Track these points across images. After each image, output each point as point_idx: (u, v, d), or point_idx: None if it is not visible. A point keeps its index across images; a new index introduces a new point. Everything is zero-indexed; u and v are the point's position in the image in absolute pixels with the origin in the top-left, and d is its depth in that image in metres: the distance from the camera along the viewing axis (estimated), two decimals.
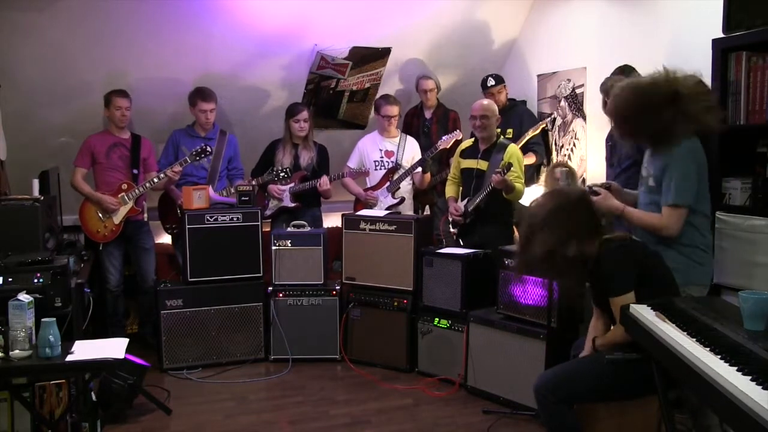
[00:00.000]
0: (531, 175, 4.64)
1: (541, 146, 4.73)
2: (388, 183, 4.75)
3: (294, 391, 3.83)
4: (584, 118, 4.48)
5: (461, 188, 4.29)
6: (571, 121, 4.61)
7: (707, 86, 2.73)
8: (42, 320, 2.72)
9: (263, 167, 4.68)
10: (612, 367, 2.40)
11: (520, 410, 3.42)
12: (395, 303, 4.12)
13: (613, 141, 3.71)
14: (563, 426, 2.48)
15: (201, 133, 4.60)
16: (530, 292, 3.49)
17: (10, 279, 3.02)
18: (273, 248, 4.27)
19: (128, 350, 2.97)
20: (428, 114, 5.04)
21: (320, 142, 4.80)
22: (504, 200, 4.00)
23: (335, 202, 5.04)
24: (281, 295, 4.26)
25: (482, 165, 4.10)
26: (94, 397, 3.22)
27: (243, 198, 4.32)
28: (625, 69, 3.64)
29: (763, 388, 1.50)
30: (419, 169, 4.68)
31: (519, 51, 5.21)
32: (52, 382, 3.01)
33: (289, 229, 4.40)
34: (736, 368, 1.62)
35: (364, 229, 4.25)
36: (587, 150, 4.46)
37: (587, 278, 2.60)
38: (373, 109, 5.02)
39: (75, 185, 4.31)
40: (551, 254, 2.41)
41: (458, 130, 4.68)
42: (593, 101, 4.25)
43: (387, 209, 4.62)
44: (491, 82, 4.74)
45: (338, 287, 4.30)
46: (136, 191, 4.29)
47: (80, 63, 4.32)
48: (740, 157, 3.00)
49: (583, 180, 4.44)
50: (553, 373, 2.58)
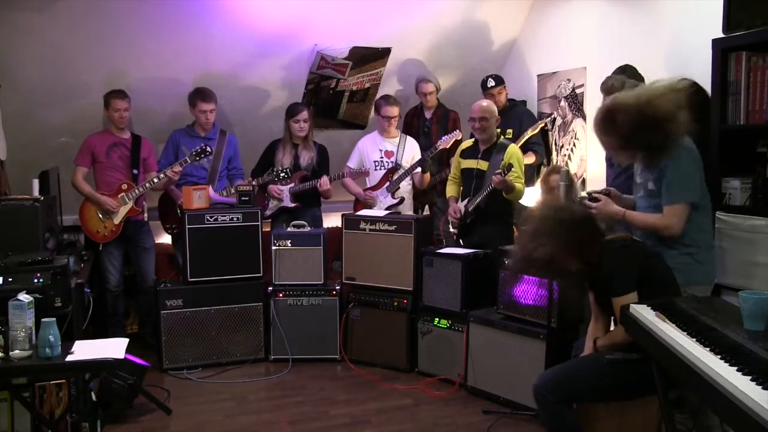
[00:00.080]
0: (531, 175, 4.64)
1: (541, 146, 4.73)
2: (388, 183, 4.75)
3: (294, 391, 3.83)
4: (584, 118, 4.47)
5: (461, 188, 4.29)
6: (571, 121, 4.61)
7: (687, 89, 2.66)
8: (42, 320, 2.72)
9: (263, 167, 4.68)
10: (612, 367, 2.40)
11: (520, 410, 3.42)
12: (395, 303, 4.12)
13: None
14: (563, 426, 2.48)
15: (201, 133, 4.60)
16: (530, 292, 3.49)
17: (10, 279, 3.02)
18: (273, 248, 4.27)
19: (128, 350, 2.97)
20: (428, 114, 5.04)
21: (320, 142, 4.80)
22: (504, 200, 4.01)
23: (335, 202, 5.04)
24: (281, 295, 4.26)
25: (482, 165, 4.10)
26: (94, 397, 3.22)
27: (243, 198, 4.32)
28: (626, 69, 3.64)
29: (763, 388, 1.50)
30: (419, 169, 4.68)
31: (519, 51, 5.21)
32: (52, 382, 3.01)
33: (289, 229, 4.40)
34: (736, 368, 1.62)
35: (364, 229, 4.25)
36: (587, 150, 4.46)
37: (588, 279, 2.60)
38: (373, 110, 5.02)
39: (75, 184, 4.31)
40: (551, 264, 2.41)
41: (458, 130, 4.68)
42: (593, 101, 4.25)
43: (387, 209, 4.62)
44: (491, 83, 4.74)
45: (338, 287, 4.30)
46: (136, 191, 4.29)
47: (80, 63, 4.32)
48: (740, 157, 3.00)
49: (583, 180, 4.44)
50: (553, 373, 2.58)
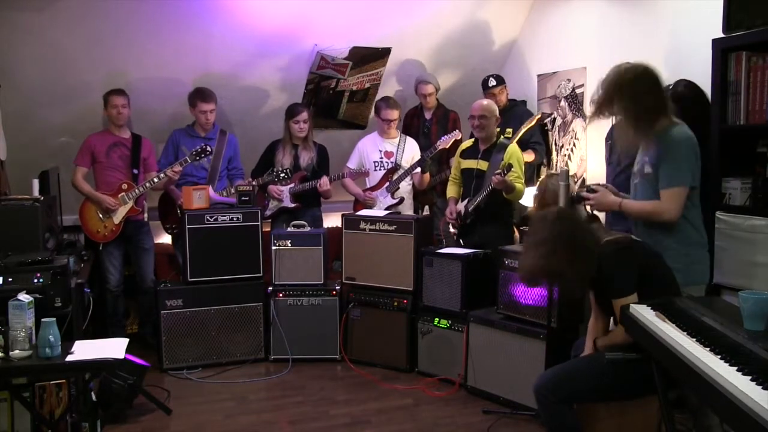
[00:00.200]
0: (531, 175, 4.64)
1: (542, 145, 4.73)
2: (388, 183, 4.75)
3: (294, 391, 3.83)
4: (584, 118, 4.47)
5: (462, 189, 4.29)
6: (571, 121, 4.61)
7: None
8: (42, 320, 2.72)
9: (263, 167, 4.68)
10: (612, 367, 2.41)
11: (520, 410, 3.42)
12: (395, 303, 4.12)
13: (613, 140, 3.71)
14: (563, 426, 2.48)
15: (201, 133, 4.60)
16: (530, 292, 3.49)
17: (10, 279, 3.01)
18: (273, 248, 4.27)
19: (128, 350, 2.97)
20: (428, 114, 5.04)
21: (320, 143, 4.80)
22: (504, 200, 4.00)
23: (335, 202, 5.04)
24: (281, 295, 4.26)
25: (482, 165, 4.10)
26: (94, 397, 3.21)
27: (243, 198, 4.32)
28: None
29: (763, 388, 1.50)
30: (418, 170, 4.68)
31: (519, 51, 5.21)
32: (52, 382, 3.01)
33: (289, 229, 4.39)
34: (736, 368, 1.62)
35: (364, 229, 4.25)
36: (587, 150, 4.46)
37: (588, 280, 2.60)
38: (373, 111, 5.02)
39: (75, 184, 4.31)
40: (553, 273, 2.43)
41: (458, 131, 4.68)
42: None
43: (387, 209, 4.62)
44: (492, 83, 4.73)
45: (338, 287, 4.30)
46: (136, 191, 4.29)
47: (80, 63, 4.32)
48: (740, 157, 3.00)
49: (583, 180, 4.44)
50: (554, 373, 2.58)
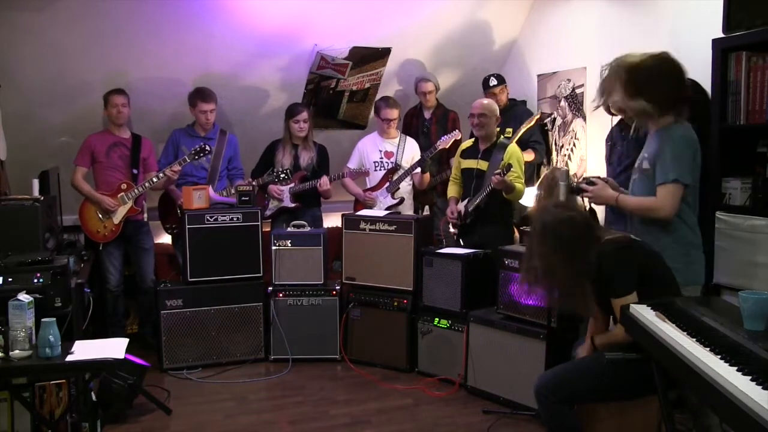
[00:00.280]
0: (531, 174, 4.64)
1: (542, 144, 4.73)
2: (388, 183, 4.75)
3: (294, 391, 3.83)
4: (584, 118, 4.48)
5: (462, 189, 4.28)
6: (571, 121, 4.61)
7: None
8: (42, 320, 2.72)
9: (263, 167, 4.68)
10: (612, 367, 2.41)
11: (520, 410, 3.42)
12: (395, 303, 4.12)
13: (613, 141, 3.71)
14: (563, 426, 2.48)
15: (201, 133, 4.60)
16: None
17: (10, 279, 3.01)
18: (273, 248, 4.27)
19: (128, 350, 2.97)
20: (427, 114, 5.04)
21: (320, 142, 4.80)
22: (504, 200, 4.00)
23: (335, 202, 5.04)
24: (281, 295, 4.26)
25: (482, 165, 4.10)
26: (94, 397, 3.21)
27: (243, 198, 4.32)
28: None
29: (763, 388, 1.50)
30: (419, 170, 4.68)
31: (519, 51, 5.21)
32: (52, 382, 3.01)
33: (289, 229, 4.39)
34: (736, 368, 1.62)
35: (364, 229, 4.25)
36: (587, 150, 4.46)
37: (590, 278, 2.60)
38: (373, 111, 5.02)
39: (75, 184, 4.31)
40: (553, 276, 2.44)
41: (457, 130, 4.68)
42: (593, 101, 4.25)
43: (387, 209, 4.62)
44: (493, 82, 4.73)
45: (338, 287, 4.30)
46: (136, 191, 4.29)
47: (80, 63, 4.32)
48: (740, 157, 3.00)
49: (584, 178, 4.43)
50: (554, 374, 2.58)
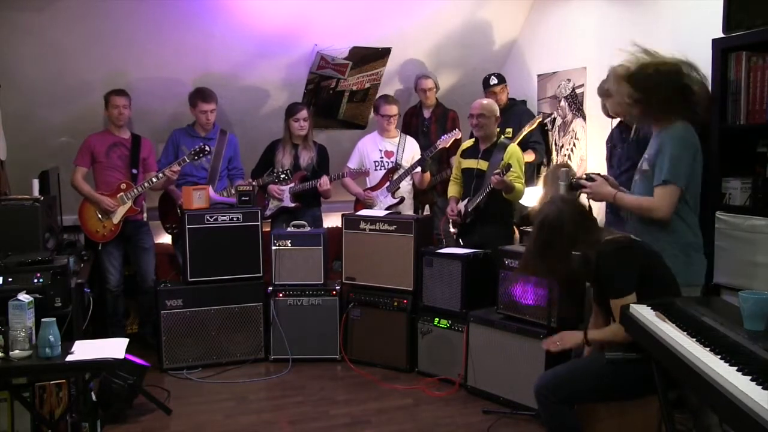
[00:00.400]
0: (531, 174, 4.64)
1: (542, 144, 4.73)
2: (388, 183, 4.75)
3: (294, 391, 3.83)
4: (584, 118, 4.48)
5: (462, 189, 4.28)
6: (571, 121, 4.61)
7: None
8: (42, 320, 2.71)
9: (263, 167, 4.68)
10: (612, 367, 2.41)
11: (520, 410, 3.42)
12: (395, 303, 4.12)
13: (614, 143, 3.71)
14: (563, 426, 2.48)
15: (201, 133, 4.60)
16: (530, 292, 3.49)
17: (10, 279, 3.01)
18: (273, 248, 4.27)
19: (128, 350, 2.97)
20: (427, 113, 5.04)
21: (320, 142, 4.80)
22: (504, 200, 4.00)
23: (335, 202, 5.04)
24: (281, 295, 4.26)
25: (482, 165, 4.09)
26: (94, 397, 3.21)
27: (243, 198, 4.32)
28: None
29: (763, 388, 1.50)
30: (419, 169, 4.68)
31: (519, 51, 5.21)
32: (52, 382, 3.01)
33: (289, 229, 4.39)
34: (736, 368, 1.62)
35: (364, 229, 4.25)
36: (587, 150, 4.46)
37: (589, 277, 2.61)
38: (373, 110, 5.02)
39: (75, 184, 4.31)
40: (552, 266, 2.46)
41: (457, 129, 4.68)
42: (593, 101, 4.25)
43: (387, 209, 4.62)
44: (494, 81, 4.73)
45: (338, 287, 4.30)
46: (135, 191, 4.29)
47: (80, 63, 4.32)
48: (740, 157, 3.00)
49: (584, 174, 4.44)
50: (554, 374, 2.58)
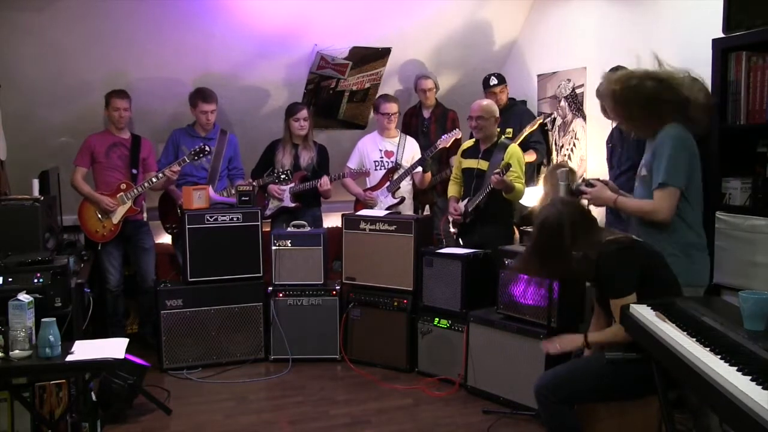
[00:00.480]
0: (531, 174, 4.64)
1: (542, 144, 4.73)
2: (388, 183, 4.75)
3: (294, 391, 3.83)
4: (584, 118, 4.48)
5: (463, 189, 4.28)
6: (571, 121, 4.61)
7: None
8: (42, 320, 2.71)
9: (263, 167, 4.68)
10: (612, 367, 2.41)
11: (520, 410, 3.42)
12: (395, 303, 4.12)
13: (614, 143, 3.71)
14: (563, 426, 2.48)
15: (201, 133, 4.60)
16: (530, 292, 3.49)
17: (10, 279, 3.01)
18: (273, 248, 4.27)
19: (128, 350, 2.97)
20: (426, 113, 5.04)
21: (320, 142, 4.80)
22: (504, 200, 4.00)
23: (335, 202, 5.04)
24: (281, 295, 4.26)
25: (483, 165, 4.09)
26: (94, 397, 3.21)
27: (243, 198, 4.32)
28: (618, 70, 3.62)
29: (763, 388, 1.50)
30: (419, 169, 4.68)
31: (519, 51, 5.21)
32: (52, 382, 3.01)
33: (289, 229, 4.39)
34: (736, 368, 1.62)
35: (364, 229, 4.25)
36: (587, 150, 4.46)
37: (589, 277, 2.61)
38: (372, 109, 5.02)
39: (74, 185, 4.31)
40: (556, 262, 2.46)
41: (457, 129, 4.68)
42: (593, 101, 4.25)
43: (387, 209, 4.62)
44: (494, 81, 4.73)
45: (338, 287, 4.30)
46: (135, 191, 4.29)
47: (80, 63, 4.32)
48: (740, 157, 3.00)
49: (583, 180, 4.43)
50: (554, 374, 2.58)
